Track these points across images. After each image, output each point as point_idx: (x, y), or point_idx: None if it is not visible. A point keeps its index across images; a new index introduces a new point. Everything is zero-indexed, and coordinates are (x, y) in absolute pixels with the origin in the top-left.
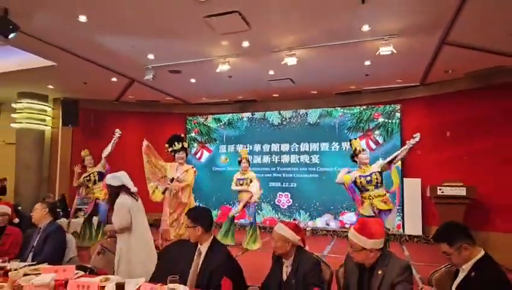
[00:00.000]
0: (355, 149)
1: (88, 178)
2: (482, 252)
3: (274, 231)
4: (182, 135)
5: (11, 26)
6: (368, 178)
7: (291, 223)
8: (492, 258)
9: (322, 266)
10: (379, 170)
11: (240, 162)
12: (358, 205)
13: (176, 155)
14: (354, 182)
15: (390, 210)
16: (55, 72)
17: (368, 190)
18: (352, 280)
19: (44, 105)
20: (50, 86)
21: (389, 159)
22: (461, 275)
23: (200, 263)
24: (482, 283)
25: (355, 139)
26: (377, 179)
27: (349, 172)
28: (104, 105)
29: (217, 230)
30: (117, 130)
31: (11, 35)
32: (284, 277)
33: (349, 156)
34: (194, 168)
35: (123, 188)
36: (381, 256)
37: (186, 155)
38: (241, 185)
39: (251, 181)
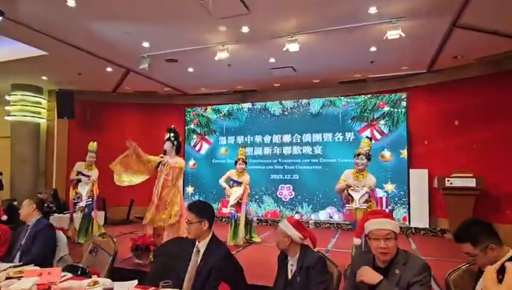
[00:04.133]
0: (358, 149)
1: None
2: (511, 252)
3: (278, 226)
4: (172, 127)
5: None
6: (358, 188)
7: (292, 218)
8: None
9: (327, 263)
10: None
11: (236, 162)
12: (345, 202)
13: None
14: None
15: None
16: (48, 62)
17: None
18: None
19: (38, 97)
20: (44, 77)
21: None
22: None
23: (199, 260)
24: None
25: (367, 139)
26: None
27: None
28: (101, 96)
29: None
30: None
31: None
32: (289, 276)
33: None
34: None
35: None
36: (397, 254)
37: (175, 149)
38: (232, 187)
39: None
